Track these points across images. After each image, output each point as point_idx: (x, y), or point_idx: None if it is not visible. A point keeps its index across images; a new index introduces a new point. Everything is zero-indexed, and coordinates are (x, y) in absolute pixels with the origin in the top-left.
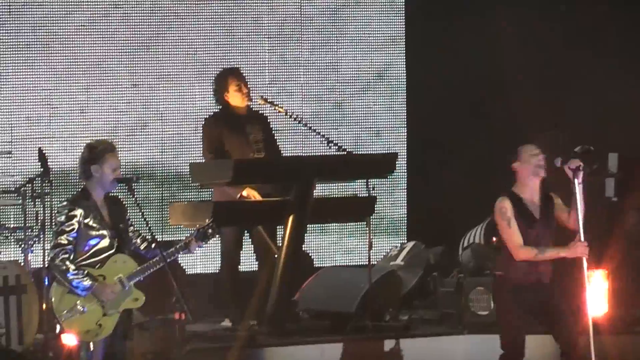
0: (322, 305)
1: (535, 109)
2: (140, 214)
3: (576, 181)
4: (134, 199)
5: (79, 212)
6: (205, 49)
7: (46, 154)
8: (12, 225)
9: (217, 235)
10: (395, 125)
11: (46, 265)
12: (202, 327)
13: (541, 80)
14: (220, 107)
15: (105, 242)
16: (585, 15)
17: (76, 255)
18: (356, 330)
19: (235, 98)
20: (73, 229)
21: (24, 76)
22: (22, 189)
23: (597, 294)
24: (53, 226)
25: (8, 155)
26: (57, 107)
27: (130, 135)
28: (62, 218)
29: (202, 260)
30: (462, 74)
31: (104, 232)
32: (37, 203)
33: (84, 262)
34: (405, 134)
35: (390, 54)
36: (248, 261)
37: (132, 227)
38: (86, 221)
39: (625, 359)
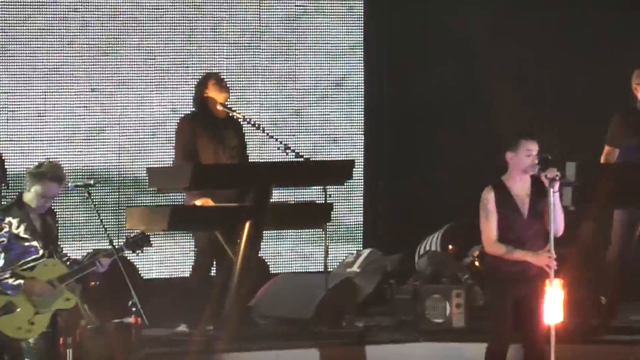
0: (278, 311)
1: (495, 117)
2: (97, 217)
3: (551, 190)
4: (91, 203)
5: (9, 221)
6: (164, 56)
7: (3, 157)
8: None
9: (147, 247)
10: (352, 132)
11: None
12: (158, 332)
13: (501, 87)
14: (196, 108)
15: (36, 252)
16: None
17: (7, 263)
18: (312, 336)
19: (214, 94)
20: (2, 239)
21: None
22: None
23: (553, 303)
24: None
25: None
26: (14, 111)
27: (87, 139)
28: None
29: (159, 264)
30: (420, 82)
31: (35, 242)
32: None
33: (14, 268)
34: (363, 141)
35: (348, 63)
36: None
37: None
38: (17, 231)
39: None
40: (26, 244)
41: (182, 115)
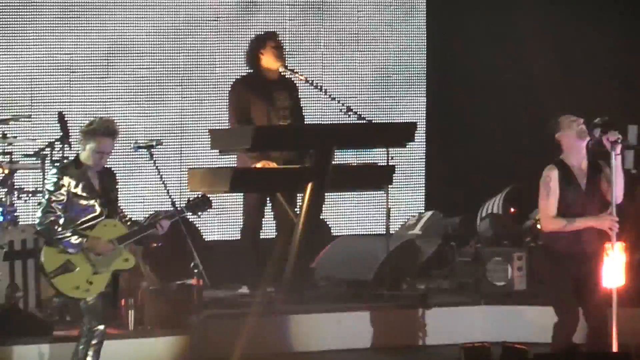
0: (340, 273)
1: (554, 81)
2: (159, 179)
3: (613, 153)
4: (154, 164)
5: (67, 180)
6: (228, 16)
7: (66, 118)
8: (31, 189)
9: (208, 210)
10: (414, 94)
11: (37, 229)
12: (220, 293)
13: (561, 55)
14: (250, 70)
15: (94, 210)
16: None
17: (67, 221)
18: (373, 298)
19: (269, 60)
20: (62, 197)
21: (44, 41)
22: (42, 152)
23: (615, 267)
24: (44, 192)
25: (28, 119)
26: (78, 72)
27: (150, 100)
28: (51, 186)
29: (221, 226)
30: (483, 45)
31: (94, 200)
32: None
33: (74, 226)
34: (425, 103)
35: (411, 24)
36: (267, 228)
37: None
38: (75, 190)
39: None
40: (84, 202)
41: (235, 79)
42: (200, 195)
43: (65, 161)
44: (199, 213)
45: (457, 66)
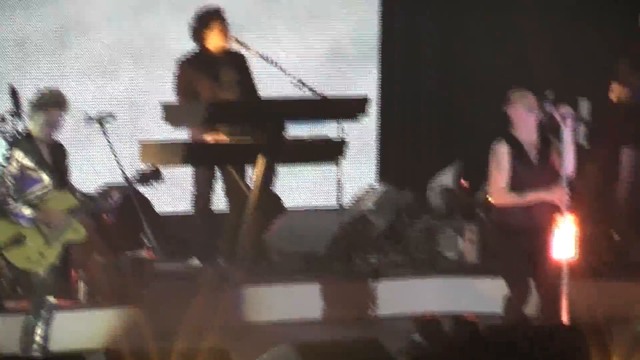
0: (292, 246)
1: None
2: (111, 151)
3: (564, 127)
4: (105, 137)
5: (18, 153)
6: None
7: (18, 92)
8: None
9: (158, 181)
10: (367, 67)
11: None
12: (172, 266)
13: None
14: (196, 47)
15: (45, 182)
16: None
17: (18, 193)
18: (326, 272)
19: (214, 39)
20: (13, 170)
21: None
22: None
23: (566, 239)
24: None
25: None
26: (29, 45)
27: (102, 74)
28: (2, 159)
29: (173, 199)
30: (438, 18)
31: (44, 173)
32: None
33: (25, 198)
34: (379, 76)
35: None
36: (219, 201)
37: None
38: (26, 163)
39: (592, 305)
40: (35, 175)
41: (179, 59)
42: (151, 168)
43: (16, 134)
44: (150, 185)
45: (412, 40)
